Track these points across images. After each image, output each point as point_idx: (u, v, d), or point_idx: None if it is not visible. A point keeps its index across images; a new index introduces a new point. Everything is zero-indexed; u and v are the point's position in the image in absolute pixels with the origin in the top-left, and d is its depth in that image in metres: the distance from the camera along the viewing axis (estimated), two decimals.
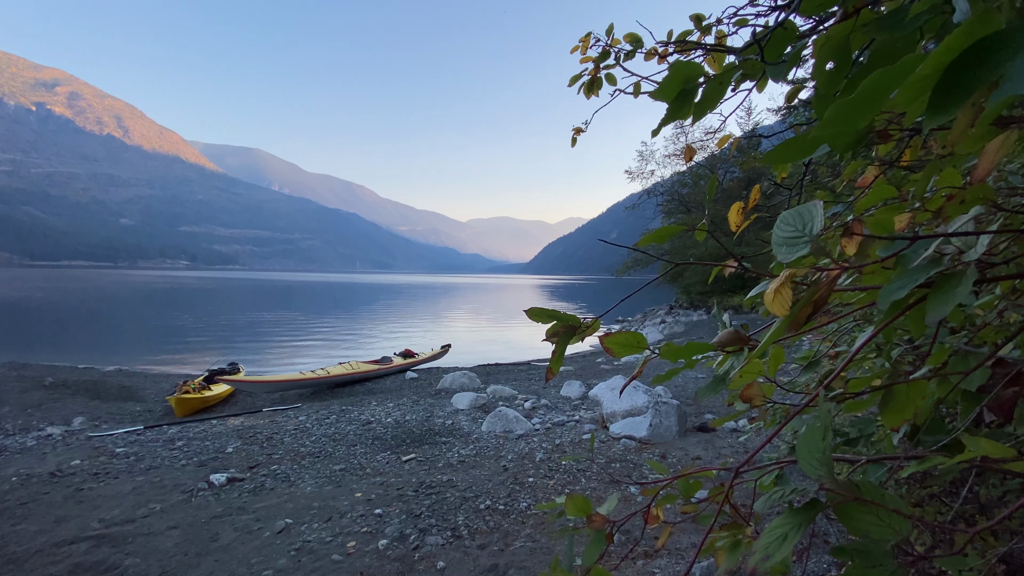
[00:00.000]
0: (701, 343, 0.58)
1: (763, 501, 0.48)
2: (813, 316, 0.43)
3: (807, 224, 0.43)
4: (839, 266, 0.43)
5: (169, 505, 3.72)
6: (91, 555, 3.03)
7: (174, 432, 5.75)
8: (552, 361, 0.69)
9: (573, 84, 1.44)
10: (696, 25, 1.21)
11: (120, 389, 8.97)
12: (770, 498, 0.47)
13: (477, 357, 14.17)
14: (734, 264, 0.70)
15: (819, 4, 0.61)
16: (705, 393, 0.59)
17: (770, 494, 0.47)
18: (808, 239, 0.42)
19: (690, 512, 1.17)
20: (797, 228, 0.43)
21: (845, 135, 0.40)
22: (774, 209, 1.52)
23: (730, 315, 0.89)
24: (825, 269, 0.43)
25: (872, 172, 0.85)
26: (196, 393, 7.67)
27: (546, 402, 6.94)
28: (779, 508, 0.47)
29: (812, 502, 0.44)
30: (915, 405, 0.61)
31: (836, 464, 0.52)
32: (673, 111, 0.73)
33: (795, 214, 0.44)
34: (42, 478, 4.26)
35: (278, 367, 12.94)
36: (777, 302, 0.42)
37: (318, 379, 8.90)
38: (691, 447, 4.73)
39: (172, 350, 16.34)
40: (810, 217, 0.43)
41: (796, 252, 0.42)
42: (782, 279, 0.42)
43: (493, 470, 4.31)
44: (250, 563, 2.93)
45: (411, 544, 3.09)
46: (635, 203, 26.93)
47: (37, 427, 6.22)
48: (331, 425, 5.84)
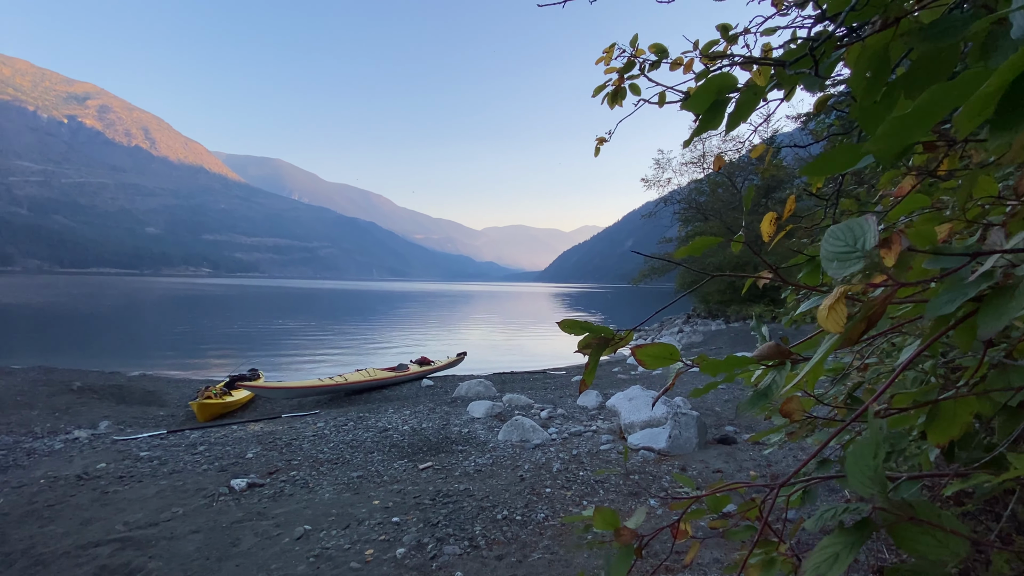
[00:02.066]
0: (741, 357, 0.58)
1: (815, 520, 0.46)
2: (866, 332, 0.42)
3: (859, 239, 0.42)
4: (896, 283, 0.42)
5: (191, 509, 3.77)
6: (116, 558, 3.08)
7: (196, 437, 5.85)
8: (586, 373, 0.69)
9: (597, 95, 1.44)
10: (723, 35, 1.21)
11: (144, 394, 9.17)
12: (821, 516, 0.46)
13: (492, 365, 14.17)
14: (768, 276, 0.69)
15: (862, 14, 0.60)
16: (746, 408, 0.58)
17: (821, 512, 0.46)
18: (861, 254, 0.41)
19: (719, 527, 1.15)
20: (848, 243, 0.42)
21: (894, 148, 0.40)
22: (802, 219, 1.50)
23: (769, 328, 0.87)
24: (881, 285, 0.42)
25: (909, 182, 0.84)
26: (217, 398, 7.80)
27: (562, 412, 6.89)
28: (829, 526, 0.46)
29: (864, 521, 0.43)
30: (962, 421, 0.59)
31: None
32: (705, 122, 0.73)
33: (845, 228, 0.43)
34: (69, 480, 4.36)
35: (296, 374, 13.10)
36: (831, 319, 0.41)
37: (336, 386, 8.98)
38: (711, 459, 4.65)
39: (194, 356, 16.66)
40: (862, 232, 0.42)
41: (848, 268, 0.41)
42: (836, 296, 0.41)
43: (510, 480, 4.28)
44: (270, 569, 2.95)
45: (429, 553, 3.08)
46: (652, 211, 26.77)
47: (65, 430, 6.38)
48: (349, 432, 5.87)
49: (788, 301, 2.16)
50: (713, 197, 24.71)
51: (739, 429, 5.61)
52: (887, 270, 0.40)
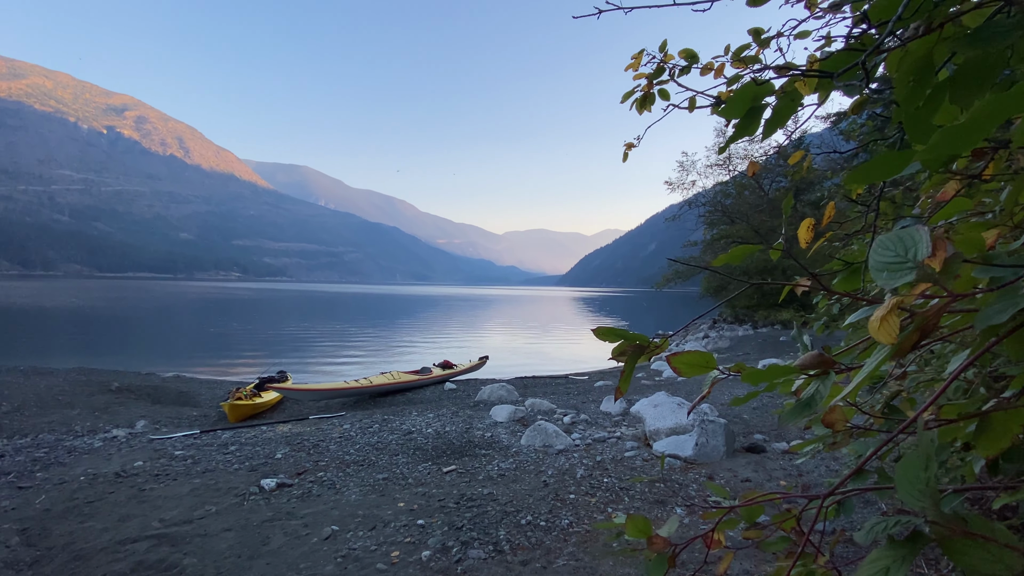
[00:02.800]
0: (784, 366, 0.57)
1: (865, 532, 0.46)
2: (919, 344, 0.42)
3: (910, 249, 0.41)
4: (952, 295, 0.41)
5: (223, 508, 3.87)
6: (152, 554, 3.18)
7: (227, 437, 6.00)
8: (621, 380, 0.69)
9: (625, 100, 1.44)
10: (755, 39, 1.20)
11: (178, 394, 9.47)
12: (872, 529, 0.45)
13: (514, 369, 14.17)
14: (807, 283, 0.69)
15: (907, 19, 0.59)
16: (789, 418, 0.57)
17: (872, 524, 0.46)
18: (913, 265, 0.40)
19: (753, 538, 1.13)
20: (899, 253, 0.42)
21: (945, 157, 0.39)
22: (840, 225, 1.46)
23: (810, 336, 0.86)
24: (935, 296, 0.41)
25: (953, 186, 0.82)
26: (248, 400, 8.01)
27: (586, 417, 6.85)
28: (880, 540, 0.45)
29: (916, 534, 0.42)
30: (1013, 433, 0.57)
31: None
32: (741, 128, 0.73)
33: (895, 238, 0.42)
34: (107, 478, 4.52)
35: (323, 376, 13.35)
36: (884, 330, 0.41)
37: (361, 388, 9.11)
38: (740, 468, 4.55)
39: (225, 357, 17.13)
40: (913, 242, 0.41)
41: (900, 278, 0.40)
42: (889, 307, 0.41)
43: (533, 485, 4.27)
44: (299, 568, 3.01)
45: (454, 557, 3.10)
46: (676, 214, 26.42)
47: (103, 429, 6.63)
48: (374, 434, 5.95)
49: (820, 307, 2.11)
50: (739, 199, 24.27)
51: (768, 438, 5.49)
52: (941, 282, 0.39)
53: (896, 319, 0.41)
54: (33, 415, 7.09)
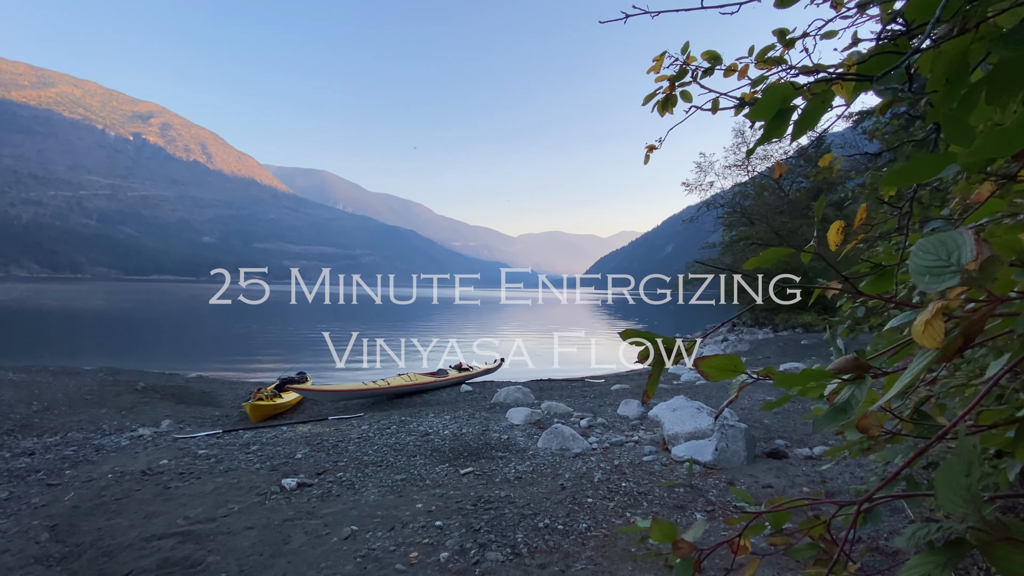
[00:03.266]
0: (817, 370, 0.57)
1: (906, 538, 0.45)
2: (964, 349, 0.41)
3: (952, 253, 0.41)
4: (995, 298, 0.40)
5: (246, 506, 3.94)
6: (177, 550, 3.25)
7: (249, 437, 6.11)
8: (649, 384, 0.69)
9: (647, 103, 1.44)
10: (780, 39, 1.19)
11: (201, 394, 9.66)
12: (914, 535, 0.44)
13: (530, 372, 14.15)
14: (837, 287, 0.68)
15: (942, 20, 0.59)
16: (823, 423, 0.56)
17: (914, 530, 0.45)
18: (955, 269, 0.40)
19: (779, 544, 1.12)
20: (941, 257, 0.41)
21: (986, 160, 0.39)
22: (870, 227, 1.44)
23: (816, 337, 0.85)
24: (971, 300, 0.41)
25: (988, 187, 0.80)
26: (268, 400, 8.13)
27: (603, 420, 6.80)
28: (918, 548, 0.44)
29: (958, 541, 0.41)
30: None
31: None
32: (770, 130, 0.72)
33: (937, 242, 0.42)
34: (134, 476, 4.63)
35: (341, 377, 13.50)
36: (928, 335, 0.40)
37: (379, 389, 9.20)
38: (761, 474, 4.48)
39: (246, 357, 17.46)
40: (956, 246, 0.41)
41: (942, 282, 0.40)
42: (933, 311, 0.40)
43: (550, 488, 4.26)
44: (319, 567, 3.05)
45: (471, 559, 3.11)
46: (693, 215, 26.14)
47: (130, 428, 6.80)
48: (392, 435, 6.00)
49: (843, 309, 2.07)
50: (759, 200, 23.93)
51: (790, 443, 5.39)
52: (986, 286, 0.39)
53: (941, 323, 0.40)
54: (62, 414, 7.31)
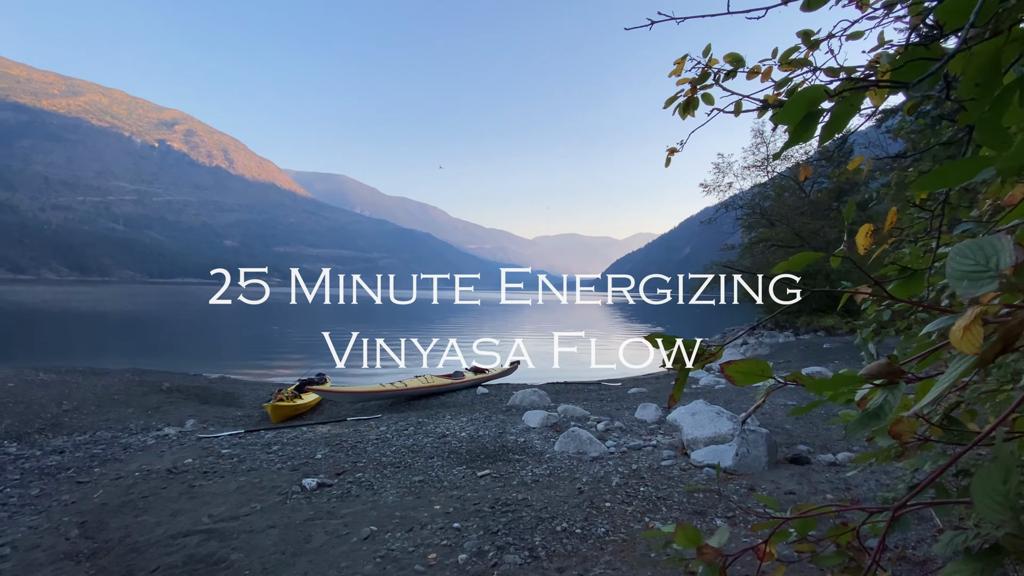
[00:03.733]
0: (849, 374, 0.56)
1: (943, 545, 0.44)
2: (1002, 354, 0.41)
3: (991, 258, 0.40)
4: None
5: (268, 505, 4.01)
6: (202, 548, 3.32)
7: (270, 437, 6.21)
8: (675, 388, 0.69)
9: (668, 105, 1.44)
10: (804, 41, 1.18)
11: (224, 395, 9.85)
12: (951, 542, 0.44)
13: (546, 375, 14.12)
14: (867, 291, 0.67)
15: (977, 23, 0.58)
16: (855, 429, 0.56)
17: (952, 537, 0.44)
18: (994, 274, 0.39)
19: (805, 551, 1.10)
20: (979, 262, 0.41)
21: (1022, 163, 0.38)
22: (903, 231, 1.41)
23: (843, 341, 0.84)
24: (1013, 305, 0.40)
25: (1021, 190, 0.78)
26: (289, 401, 8.27)
27: (620, 424, 6.76)
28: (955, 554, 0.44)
29: (996, 547, 0.40)
30: None
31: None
32: (797, 134, 0.72)
33: (974, 247, 0.41)
34: (160, 474, 4.75)
35: (359, 379, 13.65)
36: (967, 340, 0.40)
37: (396, 391, 9.28)
38: (783, 480, 4.40)
39: (267, 358, 17.76)
40: (994, 251, 0.40)
41: (981, 287, 0.39)
42: (972, 316, 0.40)
43: (568, 492, 4.25)
44: (340, 567, 3.08)
45: (490, 561, 3.11)
46: (712, 217, 25.78)
47: (156, 427, 6.97)
48: (410, 436, 6.04)
49: (868, 312, 2.02)
50: (779, 201, 23.50)
51: (813, 448, 5.28)
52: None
53: (980, 329, 0.40)
54: (91, 413, 7.52)
